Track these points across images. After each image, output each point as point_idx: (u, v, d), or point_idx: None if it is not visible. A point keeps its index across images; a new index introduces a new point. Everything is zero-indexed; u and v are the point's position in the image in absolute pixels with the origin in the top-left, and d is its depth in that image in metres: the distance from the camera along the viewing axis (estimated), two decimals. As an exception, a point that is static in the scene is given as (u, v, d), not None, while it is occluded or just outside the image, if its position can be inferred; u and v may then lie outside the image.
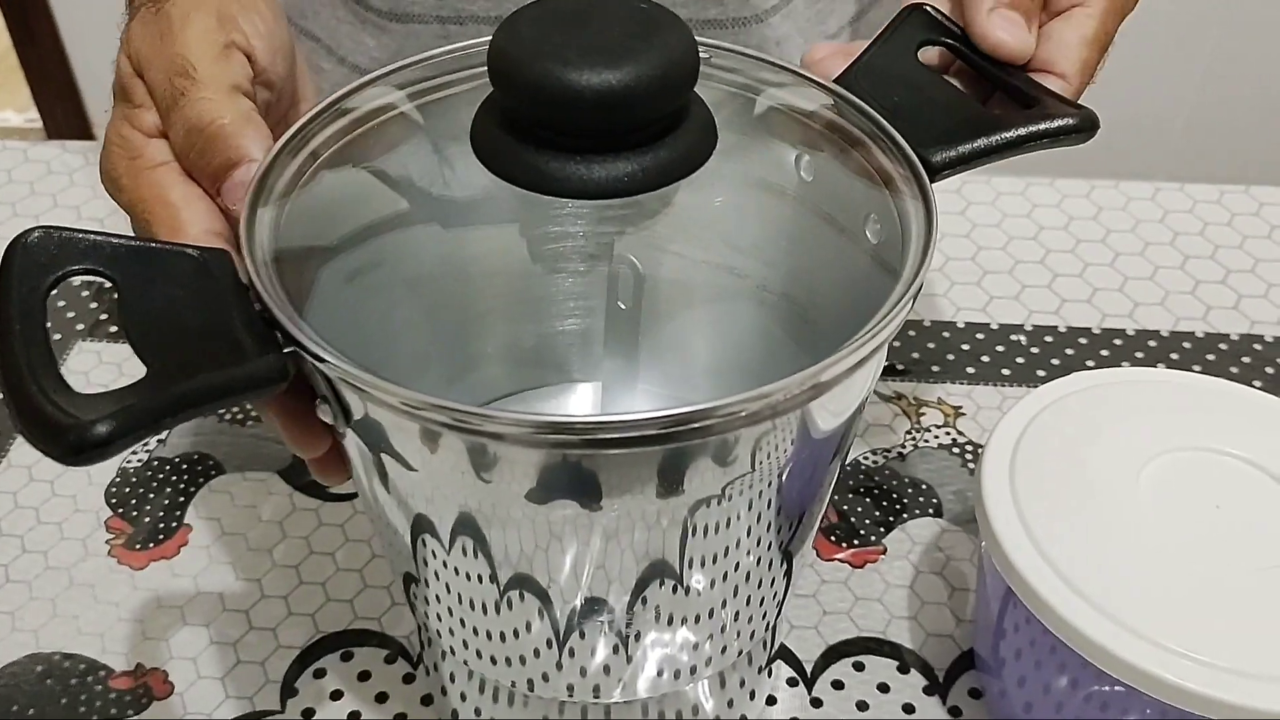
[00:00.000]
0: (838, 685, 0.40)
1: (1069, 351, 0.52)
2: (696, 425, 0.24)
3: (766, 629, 0.35)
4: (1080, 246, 0.57)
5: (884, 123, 0.31)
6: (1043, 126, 0.32)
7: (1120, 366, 0.51)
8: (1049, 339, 0.52)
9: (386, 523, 0.30)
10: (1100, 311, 0.54)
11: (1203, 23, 1.30)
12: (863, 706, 0.39)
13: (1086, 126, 0.32)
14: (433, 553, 0.30)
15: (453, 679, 0.36)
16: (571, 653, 0.31)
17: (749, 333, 0.38)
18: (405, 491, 0.28)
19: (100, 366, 0.51)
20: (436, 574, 0.30)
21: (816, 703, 0.39)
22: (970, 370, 0.51)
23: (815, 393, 0.26)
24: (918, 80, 0.34)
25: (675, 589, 0.29)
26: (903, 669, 0.40)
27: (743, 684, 0.37)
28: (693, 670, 0.33)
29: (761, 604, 0.33)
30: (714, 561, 0.29)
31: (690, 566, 0.29)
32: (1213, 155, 1.38)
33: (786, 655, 0.41)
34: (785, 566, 0.32)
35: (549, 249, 0.37)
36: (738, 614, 0.32)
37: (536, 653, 0.31)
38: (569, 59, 0.27)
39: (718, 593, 0.31)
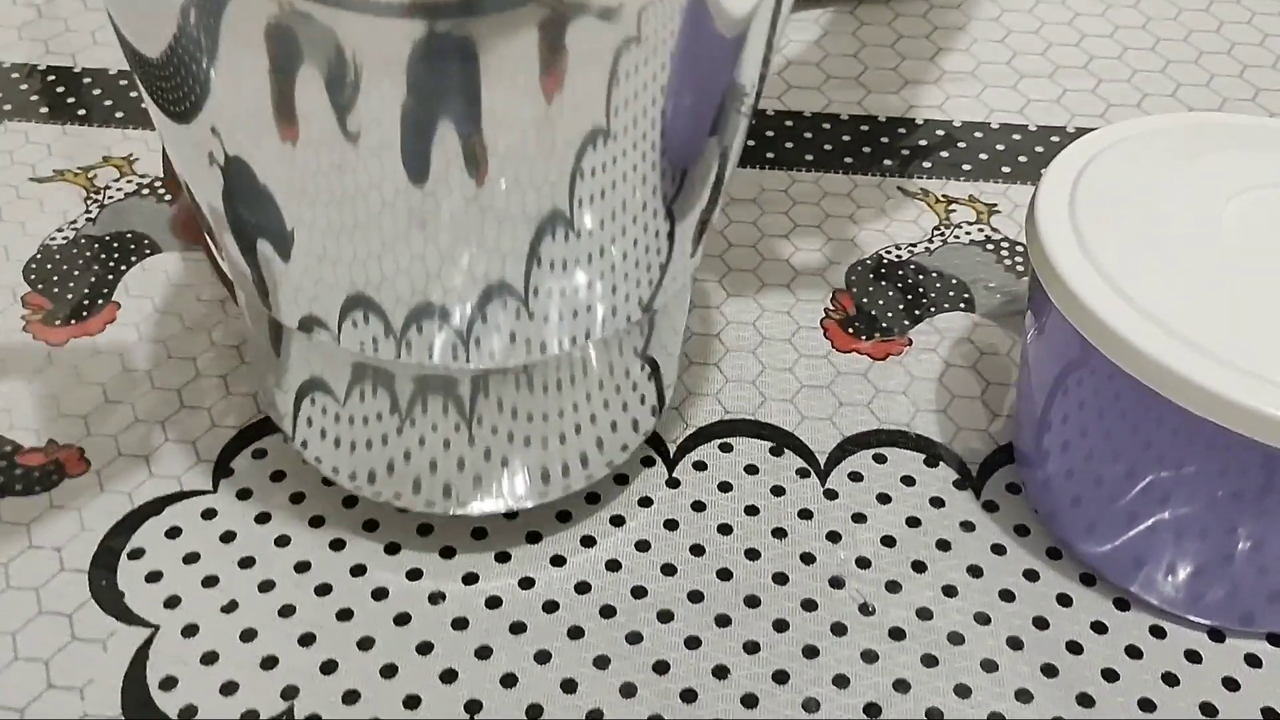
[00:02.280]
0: (855, 477, 0.34)
1: (1116, 153, 0.46)
2: None
3: (650, 286, 0.29)
4: (1128, 54, 0.51)
5: None
6: None
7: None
8: (1093, 142, 0.47)
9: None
10: (1150, 115, 0.48)
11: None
12: (884, 499, 0.34)
13: None
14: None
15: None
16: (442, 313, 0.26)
17: None
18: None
19: (27, 145, 0.45)
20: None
21: (831, 494, 0.34)
22: (1006, 169, 0.45)
23: None
24: None
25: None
26: (930, 462, 0.35)
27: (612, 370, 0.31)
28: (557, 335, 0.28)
29: (646, 254, 0.28)
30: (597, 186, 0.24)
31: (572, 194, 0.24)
32: None
33: (795, 445, 0.35)
34: (669, 214, 0.27)
35: None
36: (625, 257, 0.27)
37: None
38: None
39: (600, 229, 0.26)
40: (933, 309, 0.40)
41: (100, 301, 0.39)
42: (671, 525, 0.33)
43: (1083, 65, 0.51)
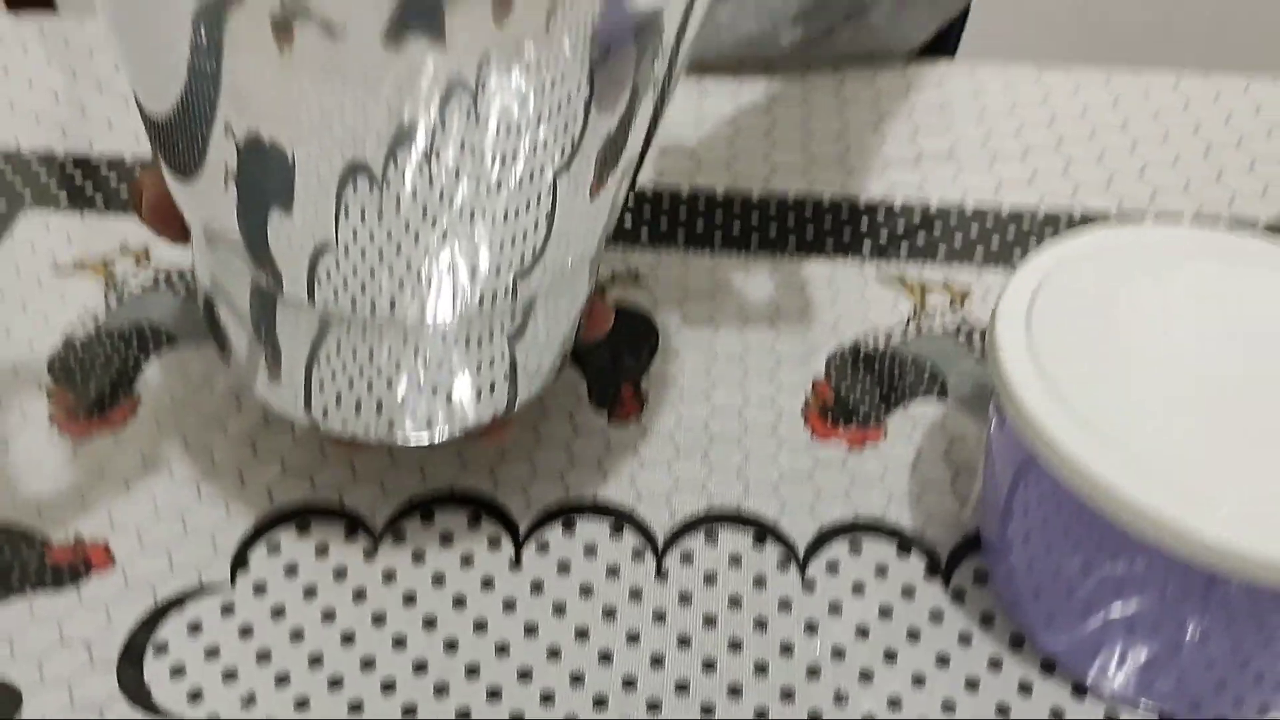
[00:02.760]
0: (832, 567, 0.37)
1: (1085, 236, 0.48)
2: None
3: (532, 253, 0.31)
4: (1098, 134, 0.54)
5: None
6: None
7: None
8: (1064, 224, 0.49)
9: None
10: (1118, 197, 0.50)
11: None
12: (858, 589, 0.36)
13: None
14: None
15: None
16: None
17: None
18: None
19: (48, 234, 0.48)
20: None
21: (809, 585, 0.36)
22: (979, 253, 0.48)
23: None
24: None
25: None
26: (903, 551, 0.37)
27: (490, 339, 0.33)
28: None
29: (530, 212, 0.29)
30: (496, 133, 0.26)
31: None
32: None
33: (777, 535, 0.38)
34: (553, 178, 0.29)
35: None
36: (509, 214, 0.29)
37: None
38: None
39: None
40: (908, 396, 0.42)
41: (121, 395, 0.41)
42: (660, 617, 0.35)
43: (1054, 147, 0.53)
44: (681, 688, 0.34)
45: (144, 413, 0.41)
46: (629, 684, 0.34)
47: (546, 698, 0.33)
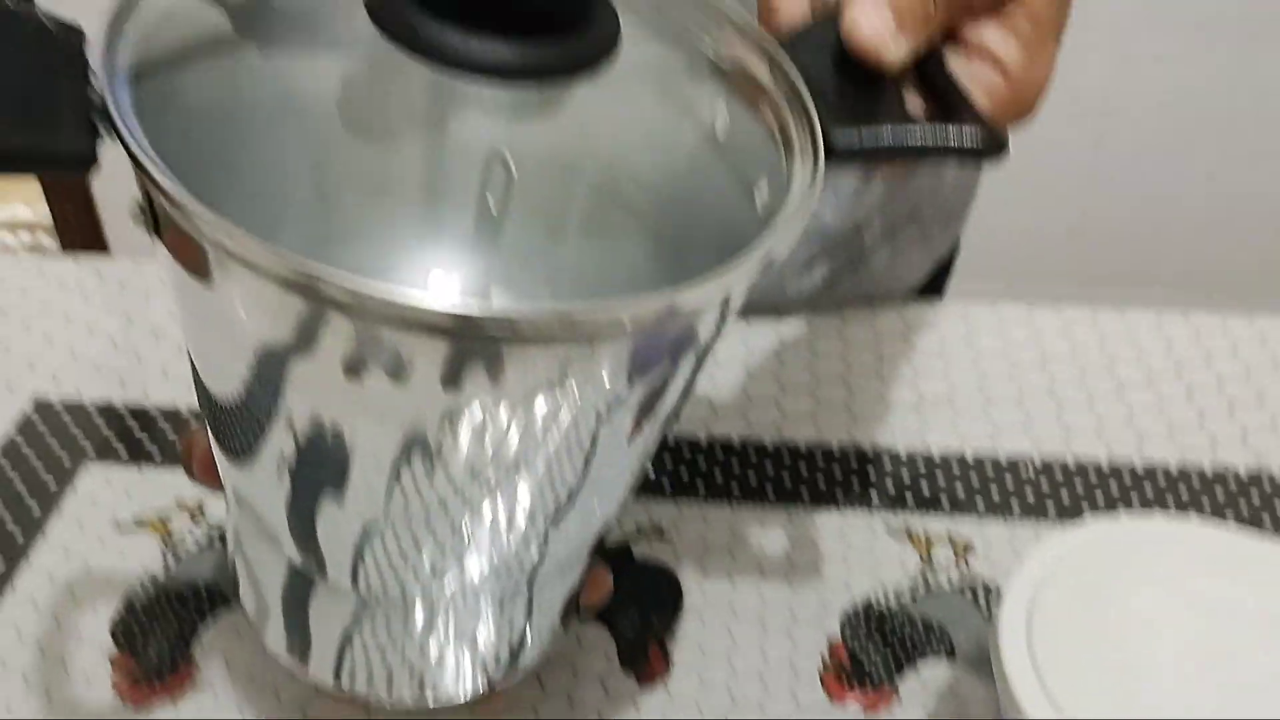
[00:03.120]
0: (852, 840, 0.39)
1: (1078, 487, 0.52)
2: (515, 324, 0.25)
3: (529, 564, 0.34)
4: (1087, 376, 0.58)
5: (804, 93, 0.31)
6: (947, 143, 0.32)
7: (1128, 505, 0.51)
8: (1058, 475, 0.53)
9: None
10: (1107, 445, 0.54)
11: (1203, 133, 1.32)
12: None
13: (990, 148, 0.32)
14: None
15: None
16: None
17: (615, 253, 0.37)
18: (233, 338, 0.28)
19: (108, 489, 0.51)
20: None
21: None
22: (980, 505, 0.51)
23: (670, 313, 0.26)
24: (847, 61, 0.33)
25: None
26: (918, 823, 0.40)
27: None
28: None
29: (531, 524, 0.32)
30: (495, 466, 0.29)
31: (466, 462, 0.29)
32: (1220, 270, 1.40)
33: (800, 808, 0.40)
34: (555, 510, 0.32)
35: (428, 129, 0.37)
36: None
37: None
38: None
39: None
40: (918, 656, 0.45)
41: (180, 660, 0.44)
42: None
43: (1047, 389, 0.57)
44: None
45: (202, 680, 0.44)
46: None
47: None
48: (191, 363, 0.32)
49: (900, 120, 0.32)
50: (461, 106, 0.35)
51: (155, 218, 0.26)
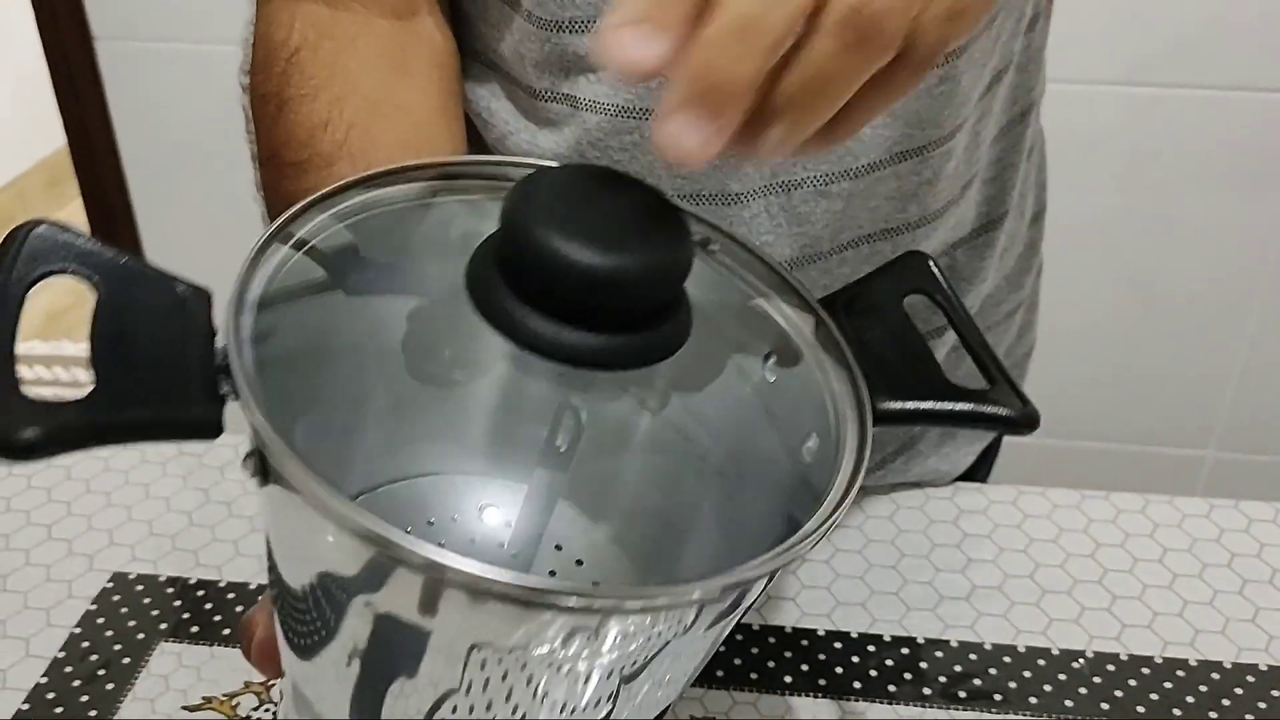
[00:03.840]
0: None
1: (1131, 682, 0.52)
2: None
3: None
4: (1138, 566, 0.58)
5: (851, 357, 0.33)
6: (985, 410, 0.34)
7: (1182, 703, 0.51)
8: (1110, 667, 0.53)
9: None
10: (1161, 639, 0.54)
11: (1245, 306, 1.33)
12: None
13: (1025, 423, 0.34)
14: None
15: None
16: None
17: (674, 495, 0.39)
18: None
19: (180, 670, 0.53)
20: None
21: None
22: (1033, 700, 0.51)
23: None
24: (895, 326, 0.36)
25: None
26: None
27: None
28: None
29: None
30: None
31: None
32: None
33: None
34: None
35: (509, 379, 0.39)
36: None
37: None
38: (570, 233, 0.29)
39: None
40: None
41: None
42: None
43: (1098, 579, 0.57)
44: None
45: None
46: None
47: None
48: (269, 552, 0.34)
49: (941, 385, 0.34)
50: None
51: (265, 468, 0.29)
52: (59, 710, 0.51)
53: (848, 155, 0.51)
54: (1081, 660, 0.53)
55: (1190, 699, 0.51)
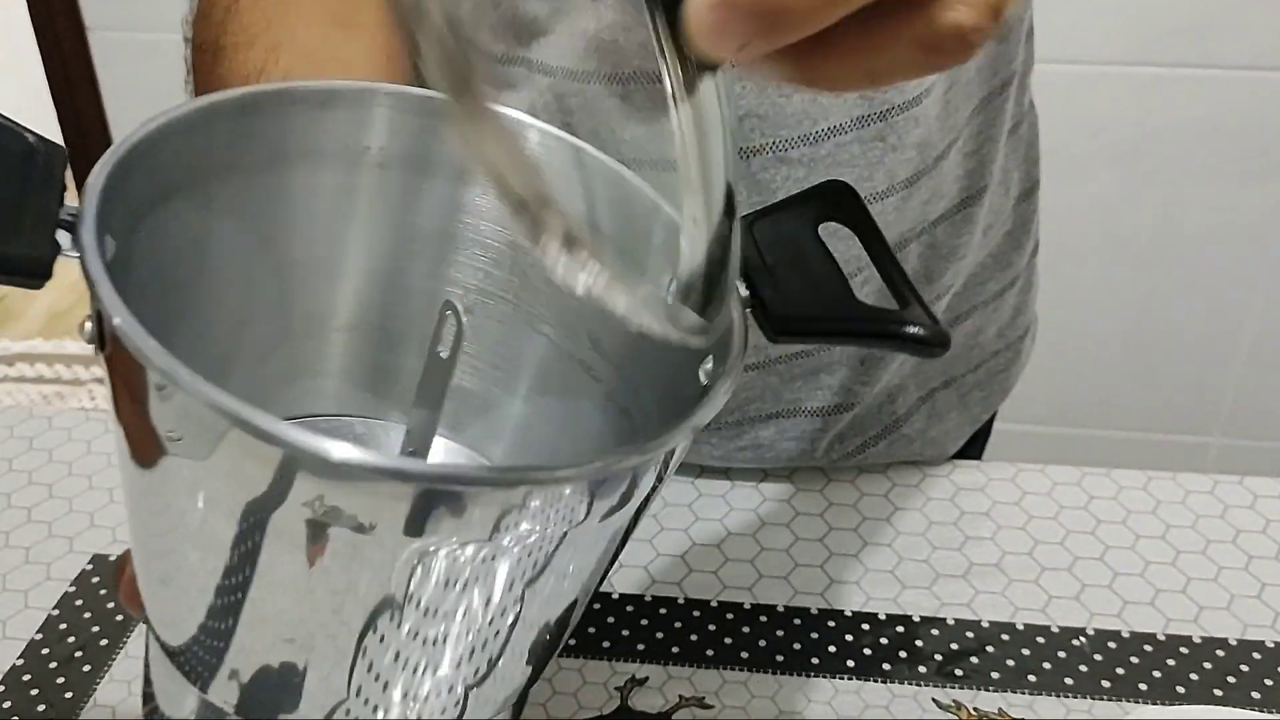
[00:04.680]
0: None
1: (1133, 660, 0.50)
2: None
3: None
4: (1140, 543, 0.56)
5: (732, 267, 0.31)
6: (892, 328, 0.33)
7: (1186, 680, 0.49)
8: (1112, 645, 0.51)
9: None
10: (1164, 616, 0.53)
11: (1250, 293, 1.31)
12: None
13: (935, 341, 0.33)
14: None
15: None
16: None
17: (569, 428, 0.38)
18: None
19: (158, 651, 0.51)
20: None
21: None
22: (1032, 678, 0.50)
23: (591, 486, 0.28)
24: (806, 249, 0.35)
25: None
26: None
27: None
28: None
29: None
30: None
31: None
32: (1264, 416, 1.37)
33: None
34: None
35: (390, 281, 0.38)
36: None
37: None
38: None
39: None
40: (968, 844, 0.43)
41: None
42: None
43: (1099, 556, 0.56)
44: None
45: None
46: None
47: None
48: (126, 484, 0.33)
49: (849, 304, 0.33)
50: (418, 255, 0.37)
51: (101, 333, 0.28)
52: (35, 692, 0.50)
53: (805, 119, 0.49)
54: (1082, 638, 0.52)
55: (1194, 676, 0.50)
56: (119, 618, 0.53)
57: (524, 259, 0.38)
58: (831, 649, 0.51)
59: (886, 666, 0.50)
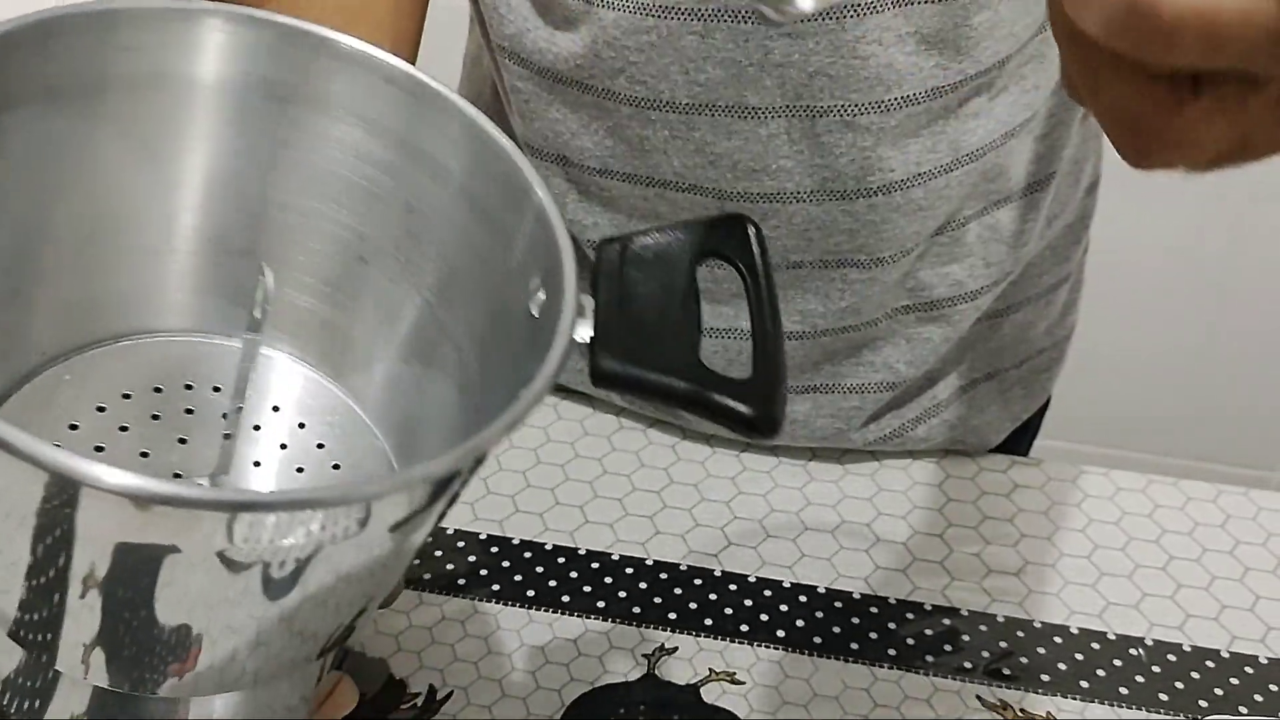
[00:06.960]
0: None
1: (1194, 675, 0.47)
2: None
3: None
4: (1206, 556, 0.53)
5: (570, 301, 0.30)
6: (712, 398, 0.30)
7: (1249, 701, 0.46)
8: (1171, 657, 0.48)
9: None
10: (1229, 633, 0.49)
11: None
12: None
13: (756, 425, 0.30)
14: None
15: None
16: None
17: (429, 377, 0.37)
18: None
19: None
20: None
21: None
22: (1084, 684, 0.47)
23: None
24: (673, 285, 0.32)
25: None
26: None
27: None
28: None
29: None
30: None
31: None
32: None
33: None
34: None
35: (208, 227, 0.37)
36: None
37: None
38: None
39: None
40: None
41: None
42: None
43: (1161, 566, 0.53)
44: None
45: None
46: None
47: None
48: None
49: (683, 361, 0.31)
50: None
51: None
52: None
53: (879, 84, 0.46)
54: (1140, 648, 0.49)
55: (1259, 697, 0.47)
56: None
57: (417, 221, 0.36)
58: (873, 635, 0.49)
59: (930, 658, 0.48)
